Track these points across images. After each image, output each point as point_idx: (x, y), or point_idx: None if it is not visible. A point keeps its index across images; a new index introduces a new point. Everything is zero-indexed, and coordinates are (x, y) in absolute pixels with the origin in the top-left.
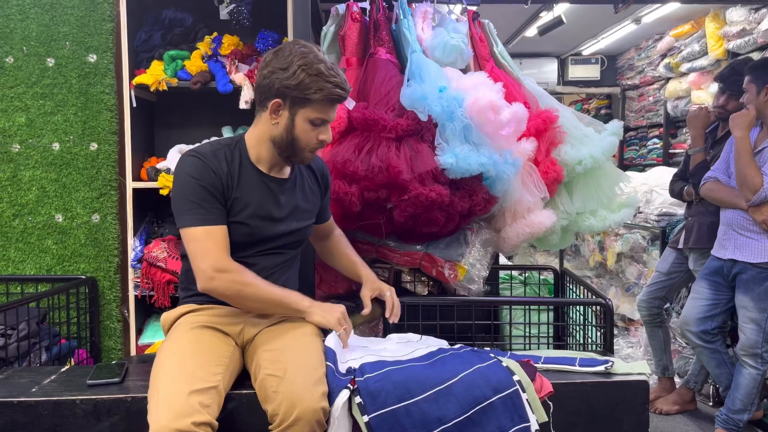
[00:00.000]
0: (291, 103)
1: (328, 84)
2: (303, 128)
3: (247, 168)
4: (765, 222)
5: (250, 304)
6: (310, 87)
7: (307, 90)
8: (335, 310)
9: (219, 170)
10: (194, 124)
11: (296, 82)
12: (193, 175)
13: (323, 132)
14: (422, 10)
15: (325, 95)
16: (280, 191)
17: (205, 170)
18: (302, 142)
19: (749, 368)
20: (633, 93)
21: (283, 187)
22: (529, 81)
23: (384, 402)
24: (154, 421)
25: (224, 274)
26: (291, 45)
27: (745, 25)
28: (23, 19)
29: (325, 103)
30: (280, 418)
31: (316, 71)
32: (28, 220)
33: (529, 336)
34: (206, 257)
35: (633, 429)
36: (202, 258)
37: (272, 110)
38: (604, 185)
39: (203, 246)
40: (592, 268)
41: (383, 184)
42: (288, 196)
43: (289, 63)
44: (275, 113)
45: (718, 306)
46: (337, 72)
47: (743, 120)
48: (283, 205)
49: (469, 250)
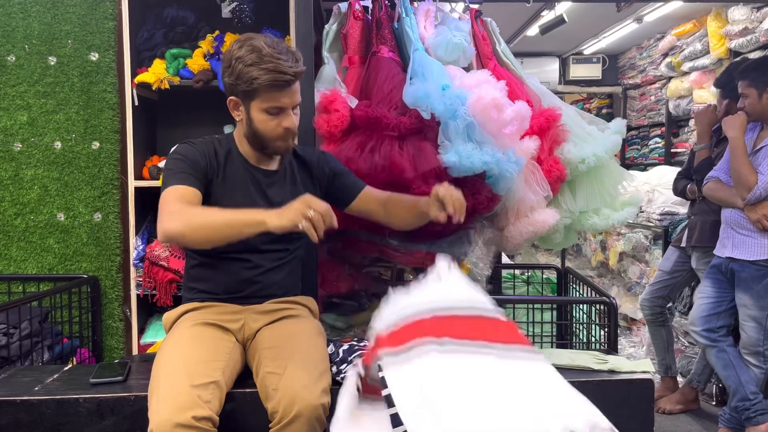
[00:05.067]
0: (242, 97)
1: (263, 71)
2: (260, 119)
3: (235, 159)
4: (759, 221)
5: (205, 234)
6: (248, 78)
7: (247, 81)
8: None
9: (205, 153)
10: (196, 122)
11: (236, 76)
12: (179, 152)
13: (285, 120)
14: (425, 8)
15: (265, 82)
16: (267, 184)
17: (190, 150)
18: (265, 134)
19: (753, 368)
20: (634, 92)
21: (271, 179)
22: (532, 79)
23: None
24: (154, 415)
25: (175, 215)
26: (233, 42)
27: (747, 24)
28: (25, 18)
29: (271, 90)
30: (280, 415)
31: (251, 60)
32: (30, 219)
33: (533, 335)
34: (164, 207)
35: (638, 427)
36: (162, 209)
37: (232, 108)
38: (607, 184)
39: (166, 199)
40: (594, 267)
41: (386, 183)
42: (277, 188)
43: (228, 59)
44: (236, 110)
45: (722, 304)
46: (277, 56)
47: (736, 121)
48: (270, 197)
49: (472, 248)
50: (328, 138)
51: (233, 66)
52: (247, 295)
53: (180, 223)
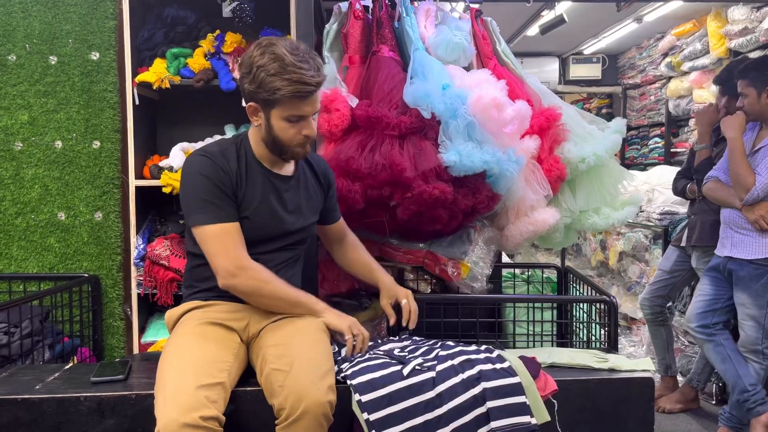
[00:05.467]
0: (262, 105)
1: (286, 81)
2: (281, 127)
3: (253, 165)
4: (757, 221)
5: (267, 302)
6: (270, 87)
7: (269, 91)
8: (348, 317)
9: (228, 169)
10: (197, 122)
11: (257, 84)
12: (203, 173)
13: (305, 127)
14: (425, 7)
15: (288, 93)
16: (284, 188)
17: (215, 169)
18: (285, 141)
19: (752, 363)
20: (634, 92)
21: (287, 184)
22: (532, 79)
23: None
24: (162, 415)
25: (245, 271)
26: (253, 47)
27: (747, 24)
28: (26, 17)
29: (293, 100)
30: (287, 412)
31: (274, 70)
32: (31, 218)
33: (533, 334)
34: (226, 255)
35: (638, 426)
36: (222, 256)
37: (251, 114)
38: (607, 183)
39: (221, 244)
40: (594, 267)
41: (386, 182)
42: (292, 193)
43: (249, 66)
44: (254, 116)
45: (719, 301)
46: (299, 65)
47: (734, 121)
48: (287, 202)
49: (472, 248)
50: (329, 137)
51: (255, 74)
52: None
53: (250, 287)
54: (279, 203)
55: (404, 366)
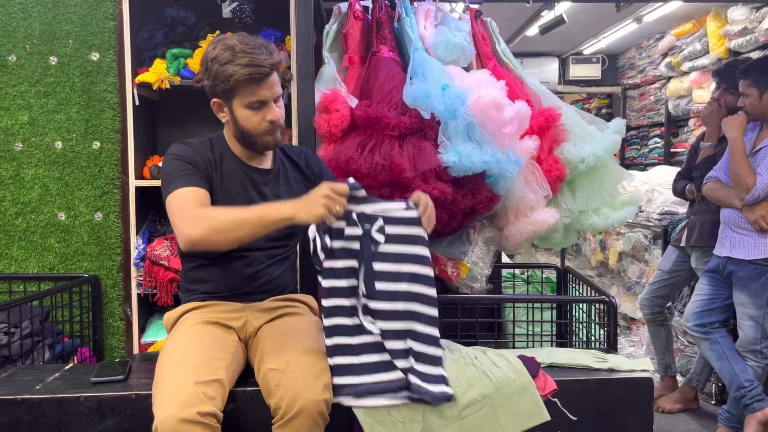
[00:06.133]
0: (224, 97)
1: (239, 66)
2: (244, 116)
3: (229, 158)
4: (757, 221)
5: (233, 235)
6: (224, 76)
7: (224, 80)
8: (318, 196)
9: (202, 153)
10: (197, 122)
11: (213, 77)
12: (177, 154)
13: (268, 113)
14: (425, 8)
15: (242, 77)
16: (262, 182)
17: (190, 151)
18: (250, 130)
19: (751, 362)
20: (634, 92)
21: (266, 177)
22: (532, 79)
23: None
24: (159, 411)
25: (198, 222)
26: (207, 46)
27: (746, 24)
28: (26, 18)
29: (250, 84)
30: (283, 411)
31: (225, 59)
32: (31, 218)
33: (533, 334)
34: (181, 213)
35: (638, 425)
36: (179, 214)
37: (217, 111)
38: (606, 183)
39: (180, 203)
40: (593, 267)
41: (386, 182)
42: (271, 186)
43: (205, 63)
44: (221, 112)
45: (716, 301)
46: (250, 50)
47: (736, 121)
48: (267, 195)
49: (471, 248)
50: (328, 138)
51: (209, 67)
52: (248, 291)
53: (204, 227)
54: (258, 196)
55: None
